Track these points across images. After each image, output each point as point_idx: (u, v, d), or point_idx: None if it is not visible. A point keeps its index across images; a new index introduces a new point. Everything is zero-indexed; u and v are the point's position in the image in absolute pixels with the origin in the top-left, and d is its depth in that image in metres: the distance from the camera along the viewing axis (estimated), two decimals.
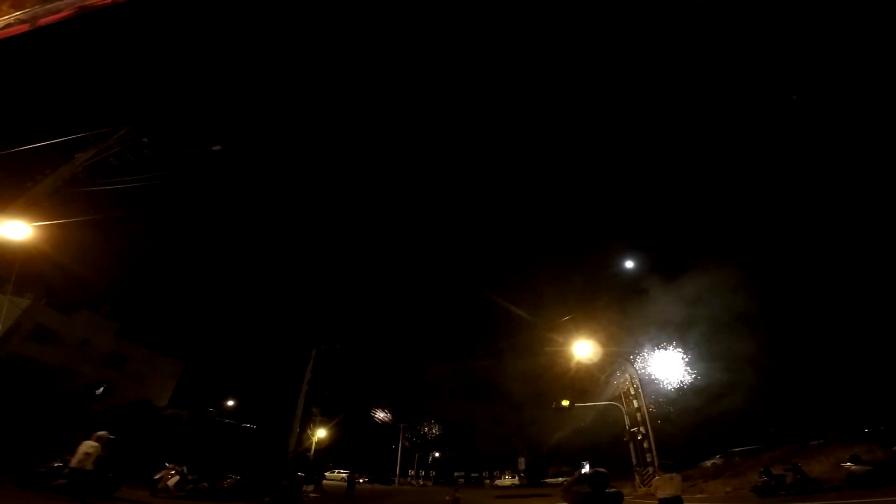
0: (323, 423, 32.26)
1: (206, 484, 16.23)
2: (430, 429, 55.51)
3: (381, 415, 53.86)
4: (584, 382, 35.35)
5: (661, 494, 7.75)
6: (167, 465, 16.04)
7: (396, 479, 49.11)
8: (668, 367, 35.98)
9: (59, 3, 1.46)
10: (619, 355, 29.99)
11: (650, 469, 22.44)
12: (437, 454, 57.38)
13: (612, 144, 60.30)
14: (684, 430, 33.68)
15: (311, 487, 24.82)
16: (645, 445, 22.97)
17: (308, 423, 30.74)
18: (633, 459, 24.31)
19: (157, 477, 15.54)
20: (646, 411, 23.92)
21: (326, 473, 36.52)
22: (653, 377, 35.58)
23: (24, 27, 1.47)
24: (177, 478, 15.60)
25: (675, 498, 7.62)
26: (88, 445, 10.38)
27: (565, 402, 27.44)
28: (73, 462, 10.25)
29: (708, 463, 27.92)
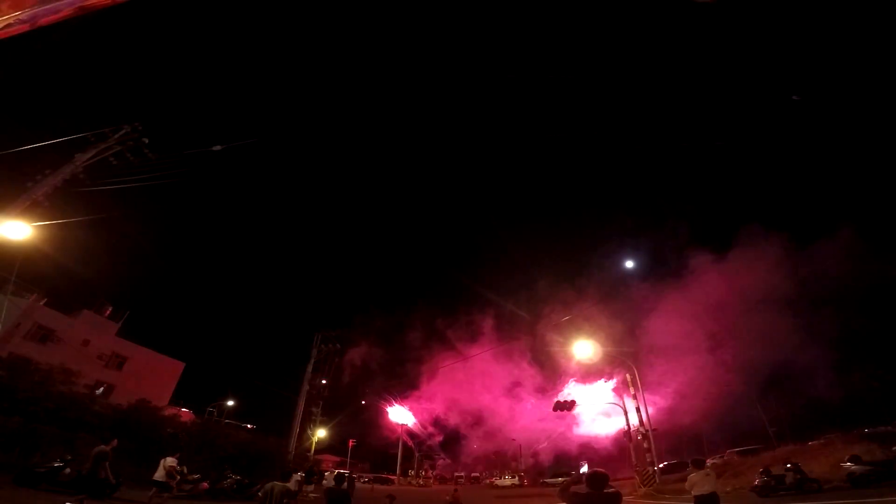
0: (323, 424, 32.27)
1: (206, 484, 16.23)
2: None
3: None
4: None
5: (697, 491, 7.51)
6: None
7: (397, 479, 49.07)
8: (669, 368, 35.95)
9: (59, 3, 1.46)
10: (620, 355, 29.96)
11: (650, 469, 22.44)
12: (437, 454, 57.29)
13: (613, 145, 60.28)
14: (684, 430, 33.65)
15: (311, 487, 24.82)
16: (645, 445, 22.96)
17: (308, 423, 30.74)
18: (633, 459, 24.30)
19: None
20: (646, 411, 23.90)
21: (326, 473, 36.54)
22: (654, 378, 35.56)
23: (24, 27, 1.47)
24: (177, 478, 15.56)
25: (711, 494, 7.40)
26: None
27: (565, 402, 27.47)
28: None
29: (708, 463, 27.92)
